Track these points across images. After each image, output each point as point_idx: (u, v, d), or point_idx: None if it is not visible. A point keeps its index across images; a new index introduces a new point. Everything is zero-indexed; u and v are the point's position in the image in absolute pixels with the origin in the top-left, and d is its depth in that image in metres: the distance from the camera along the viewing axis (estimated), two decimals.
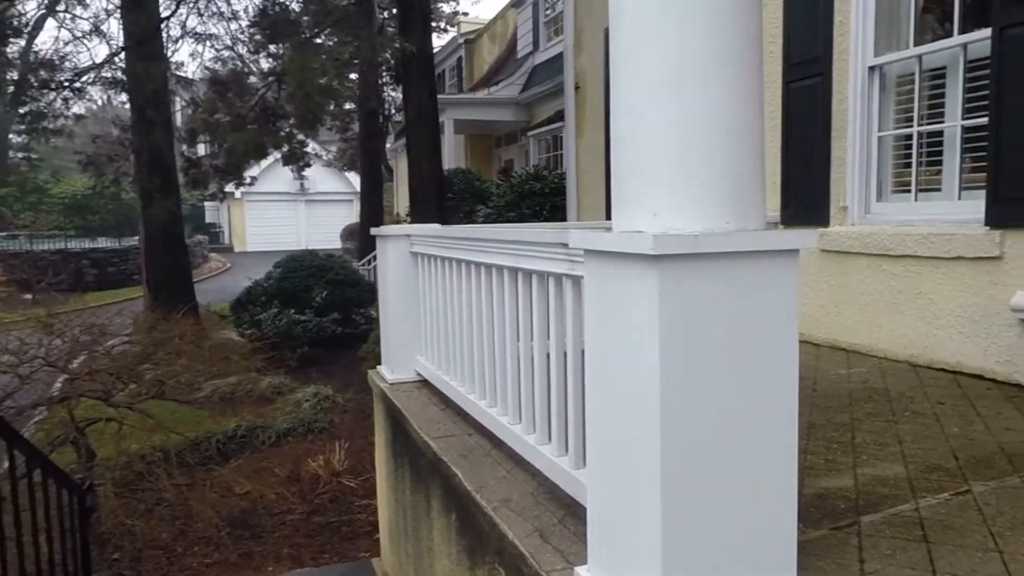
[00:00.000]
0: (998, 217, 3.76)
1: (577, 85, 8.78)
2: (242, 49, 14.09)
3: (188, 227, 25.40)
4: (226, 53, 14.12)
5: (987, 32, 3.79)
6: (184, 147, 15.08)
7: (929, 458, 2.80)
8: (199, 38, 13.30)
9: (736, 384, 1.69)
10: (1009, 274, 3.71)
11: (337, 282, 11.79)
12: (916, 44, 4.40)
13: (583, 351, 2.03)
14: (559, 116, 10.46)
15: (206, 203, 34.68)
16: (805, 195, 5.03)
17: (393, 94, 22.17)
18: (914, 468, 2.70)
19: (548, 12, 14.26)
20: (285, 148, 15.92)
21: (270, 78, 14.37)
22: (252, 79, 14.87)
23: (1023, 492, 2.44)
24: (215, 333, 12.47)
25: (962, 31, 4.09)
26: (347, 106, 19.71)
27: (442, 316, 3.78)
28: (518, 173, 11.59)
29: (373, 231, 4.53)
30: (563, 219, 9.26)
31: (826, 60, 4.78)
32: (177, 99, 15.66)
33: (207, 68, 14.65)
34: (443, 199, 10.76)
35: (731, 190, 1.66)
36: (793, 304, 1.73)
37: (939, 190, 4.35)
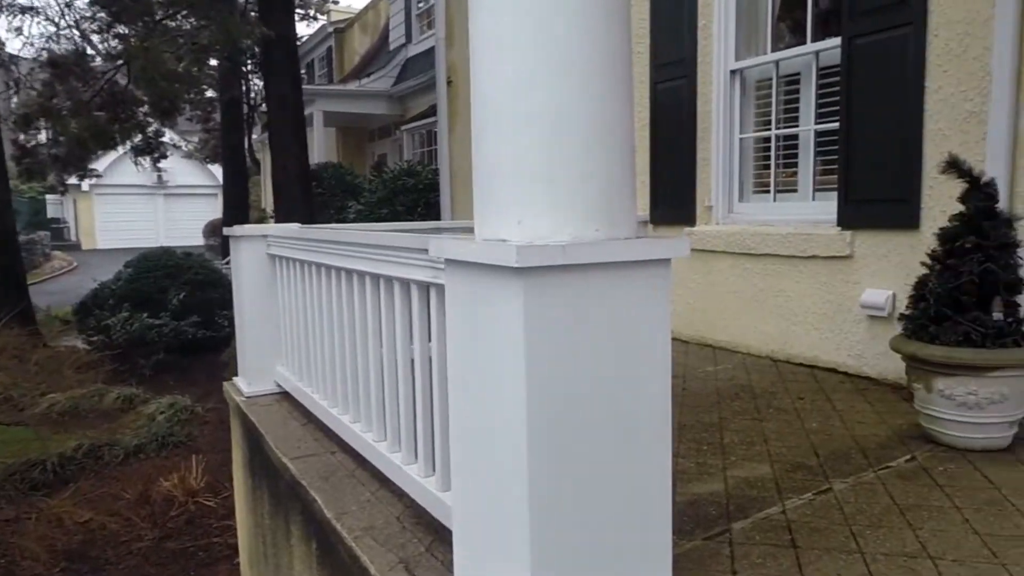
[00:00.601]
0: (849, 218, 3.94)
1: (449, 79, 8.59)
2: (86, 27, 12.80)
3: (24, 222, 22.94)
4: (66, 32, 12.78)
5: (838, 41, 3.96)
6: (20, 135, 13.54)
7: (793, 456, 2.85)
8: (23, 11, 11.94)
9: (608, 401, 1.58)
10: (859, 272, 3.90)
11: (197, 283, 10.98)
12: (773, 50, 4.55)
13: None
14: (433, 111, 10.24)
15: (48, 196, 31.62)
16: (673, 194, 5.12)
17: (259, 83, 21.06)
18: (780, 468, 2.74)
19: (420, 4, 13.97)
20: (138, 138, 14.67)
21: (118, 61, 13.17)
22: (97, 61, 13.57)
23: (878, 488, 2.52)
24: (56, 341, 11.31)
25: (815, 39, 4.27)
26: (209, 94, 18.51)
27: (303, 324, 3.49)
28: (391, 168, 11.26)
29: (226, 231, 4.14)
30: (438, 216, 9.07)
31: (691, 63, 4.87)
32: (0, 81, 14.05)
33: (44, 49, 13.21)
34: (310, 195, 10.26)
35: (602, 194, 1.54)
36: (666, 314, 1.65)
37: (795, 191, 4.53)
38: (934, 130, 3.50)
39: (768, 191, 4.67)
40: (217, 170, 27.90)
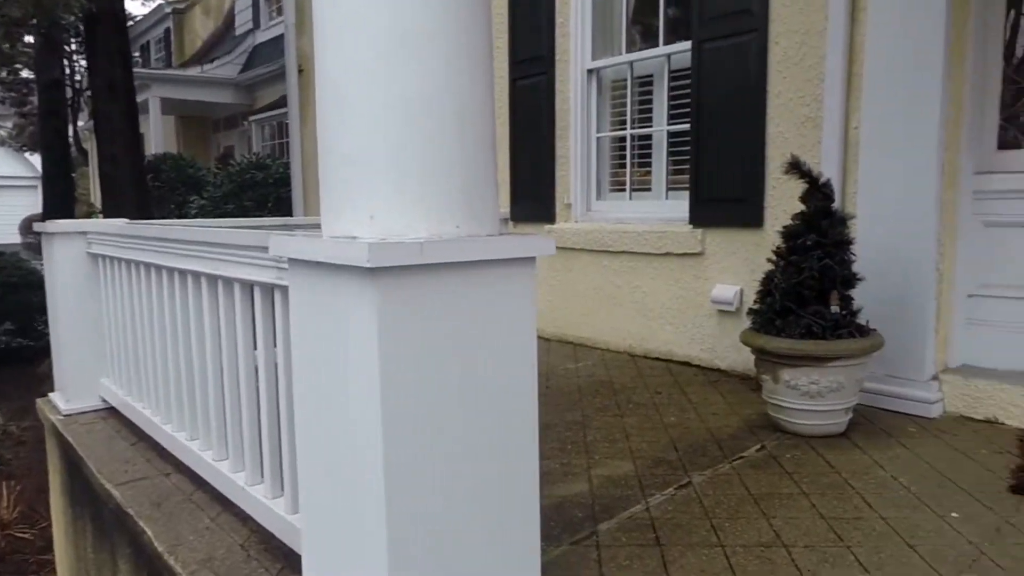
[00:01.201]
0: (700, 216, 4.08)
1: (300, 68, 8.16)
2: None
3: None
4: None
5: (688, 45, 4.09)
6: None
7: (654, 451, 2.88)
8: None
9: (472, 406, 1.46)
10: (709, 269, 4.05)
11: (10, 284, 9.79)
12: (628, 51, 4.64)
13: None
14: (284, 101, 9.70)
15: None
16: (533, 192, 5.11)
17: (86, 64, 19.13)
18: (642, 464, 2.75)
19: None
20: None
21: None
22: None
23: (734, 479, 2.58)
24: None
25: (667, 42, 4.39)
26: (25, 74, 16.55)
27: (131, 332, 3.11)
28: (239, 161, 10.57)
29: (36, 227, 3.63)
30: (289, 213, 8.60)
31: (549, 60, 4.87)
32: None
33: None
34: (145, 188, 9.39)
35: (462, 187, 1.42)
36: (532, 315, 1.56)
37: (650, 190, 4.65)
38: (775, 133, 3.69)
39: (624, 190, 4.77)
40: (38, 160, 25.13)
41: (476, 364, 1.46)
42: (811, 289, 2.89)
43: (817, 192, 2.94)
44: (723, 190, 3.95)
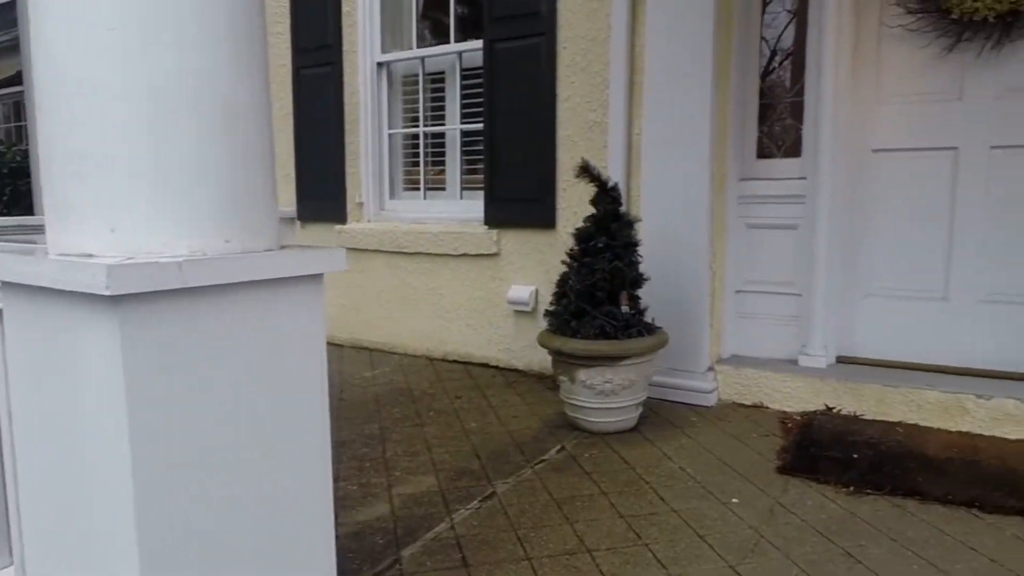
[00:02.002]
0: (494, 217, 4.07)
1: None
2: None
3: None
4: None
5: (480, 43, 4.05)
6: None
7: (456, 461, 2.79)
8: None
9: (252, 450, 1.25)
10: (505, 270, 4.06)
11: None
12: (419, 46, 4.51)
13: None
14: (20, 77, 8.32)
15: None
16: (322, 189, 4.81)
17: None
18: (445, 477, 2.65)
19: None
20: None
21: None
22: None
23: (536, 484, 2.57)
24: None
25: (459, 39, 4.32)
26: None
27: None
28: None
29: None
30: (29, 210, 7.39)
31: (336, 50, 4.60)
32: None
33: None
34: None
35: (231, 194, 1.20)
36: (319, 334, 1.38)
37: (444, 189, 4.57)
38: (565, 136, 3.77)
39: (419, 188, 4.64)
40: None
41: (255, 397, 1.25)
42: (603, 290, 2.97)
43: (606, 195, 3.03)
44: (517, 191, 3.96)
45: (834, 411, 3.15)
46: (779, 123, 3.59)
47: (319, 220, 4.83)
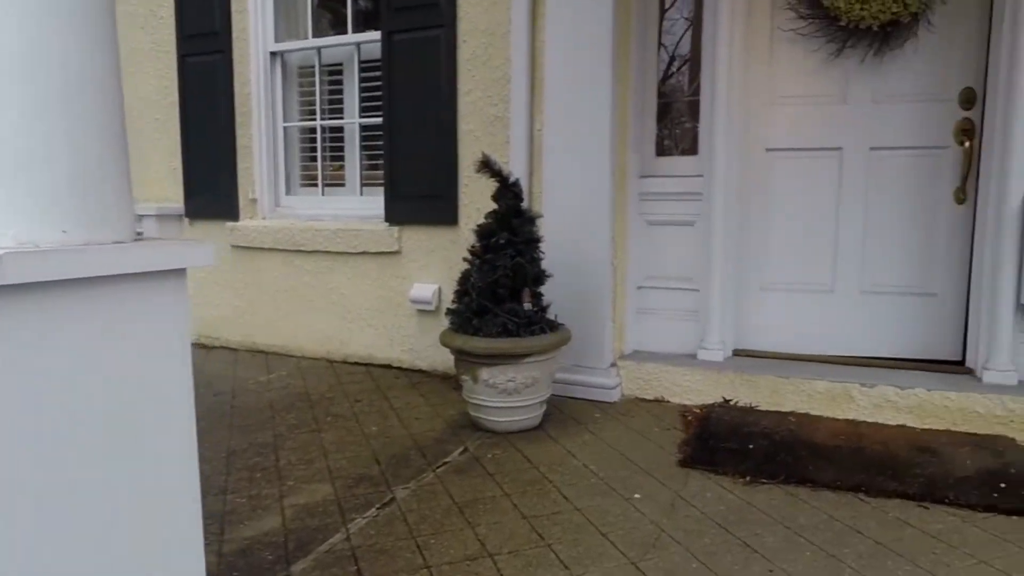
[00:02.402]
0: (395, 214, 3.95)
1: None
2: None
3: None
4: None
5: (378, 35, 3.92)
6: None
7: (355, 468, 2.67)
8: None
9: (95, 469, 1.11)
10: (407, 268, 3.95)
11: None
12: (315, 35, 4.33)
13: None
14: None
15: None
16: (212, 184, 4.54)
17: None
18: (342, 484, 2.52)
19: None
20: None
21: None
22: None
23: (438, 488, 2.49)
24: None
25: (356, 30, 4.18)
26: None
27: None
28: None
29: None
30: None
31: (225, 37, 4.36)
32: None
33: None
34: None
35: (70, 178, 1.06)
36: (183, 337, 1.24)
37: (343, 185, 4.41)
38: (467, 131, 3.70)
39: (316, 184, 4.46)
40: None
41: (103, 413, 1.11)
42: (505, 287, 2.92)
43: (507, 191, 2.98)
44: (418, 187, 3.86)
45: (731, 403, 3.23)
46: (677, 122, 3.65)
47: (209, 217, 4.56)
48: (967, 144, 3.15)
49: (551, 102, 3.38)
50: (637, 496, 2.41)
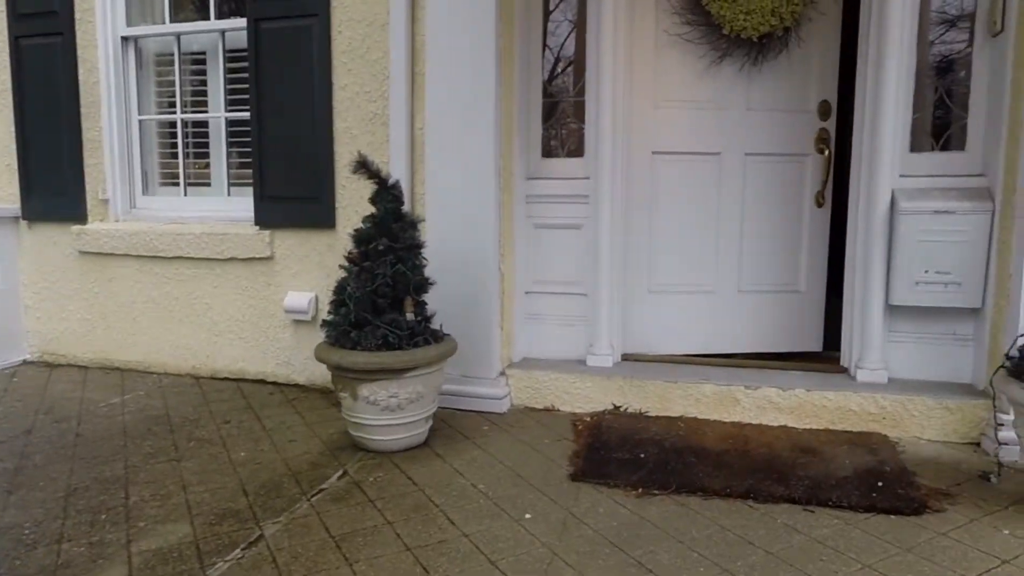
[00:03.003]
0: (266, 216, 3.66)
1: None
2: None
3: None
4: None
5: (244, 22, 3.61)
6: None
7: (219, 502, 2.40)
8: None
9: None
10: (281, 275, 3.66)
11: None
12: (174, 20, 3.95)
13: None
14: None
15: None
16: (55, 183, 4.05)
17: None
18: (202, 522, 2.25)
19: None
20: None
21: None
22: None
23: (313, 521, 2.27)
24: None
25: (220, 16, 3.83)
26: None
27: None
28: None
29: None
30: None
31: (66, 18, 3.89)
32: None
33: None
34: None
35: None
36: None
37: (209, 185, 4.05)
38: (343, 128, 3.46)
39: (178, 183, 4.07)
40: None
41: None
42: (386, 297, 2.72)
43: (387, 193, 2.79)
44: (291, 188, 3.59)
45: (621, 410, 3.18)
46: (564, 123, 3.57)
47: (52, 219, 4.07)
48: (825, 152, 3.41)
49: (433, 99, 3.21)
50: (528, 516, 2.29)
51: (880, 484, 2.42)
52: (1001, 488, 2.43)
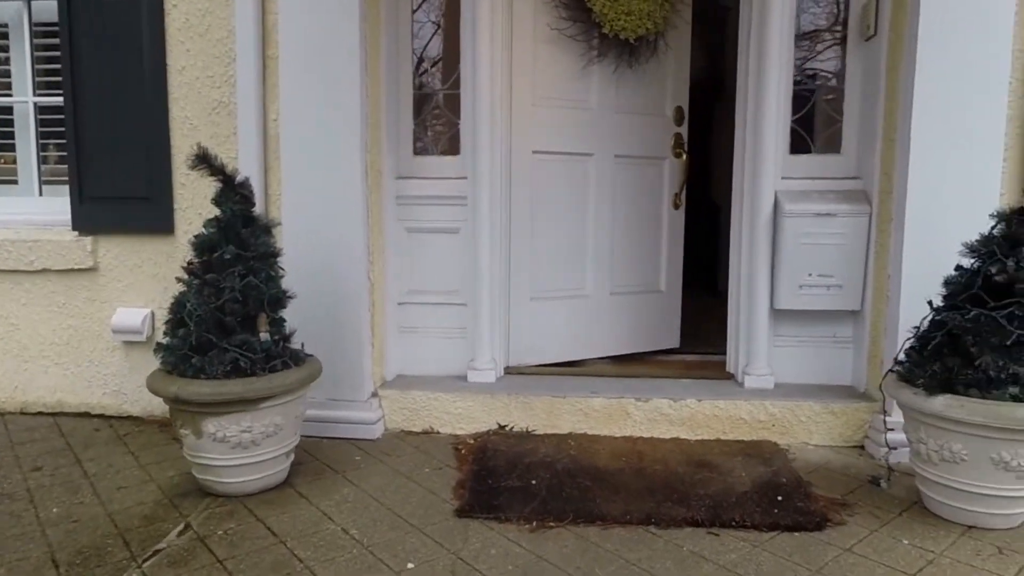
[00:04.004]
0: (87, 220, 3.10)
1: None
2: None
3: None
4: None
5: None
6: None
7: None
8: None
9: None
10: (107, 289, 3.12)
11: None
12: None
13: None
14: None
15: None
16: None
17: None
18: None
19: None
20: None
21: None
22: None
23: None
24: None
25: None
26: None
27: None
28: None
29: None
30: None
31: None
32: None
33: None
34: None
35: None
36: None
37: (16, 183, 3.40)
38: (182, 118, 2.99)
39: None
40: None
41: None
42: (235, 315, 2.32)
43: (233, 193, 2.38)
44: (119, 186, 3.06)
45: (507, 429, 2.94)
46: (437, 118, 3.28)
47: None
48: (682, 156, 3.56)
49: (289, 86, 2.82)
50: (411, 566, 1.98)
51: (779, 498, 2.32)
52: (892, 493, 2.41)
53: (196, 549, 2.07)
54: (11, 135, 3.39)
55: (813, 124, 3.06)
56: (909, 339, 2.30)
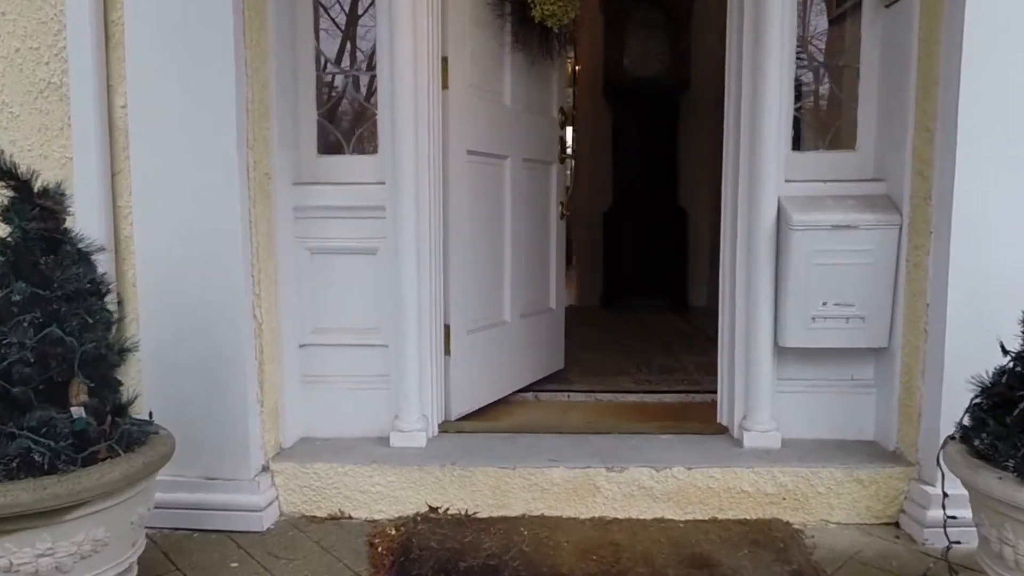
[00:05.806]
0: None
1: None
2: None
3: None
4: None
5: None
6: None
7: None
8: None
9: None
10: None
11: None
12: None
13: None
14: None
15: None
16: None
17: None
18: None
19: None
20: None
21: None
22: None
23: None
24: None
25: None
26: None
27: None
28: None
29: None
30: None
31: None
32: None
33: None
34: None
35: None
36: None
37: None
38: None
39: None
40: None
41: None
42: (27, 383, 1.58)
43: (28, 205, 1.64)
44: None
45: (441, 512, 2.24)
46: (349, 107, 2.60)
47: None
48: (565, 162, 3.35)
49: (138, 62, 2.10)
50: None
51: None
52: None
53: None
54: None
55: (818, 114, 2.47)
56: (976, 397, 1.69)
